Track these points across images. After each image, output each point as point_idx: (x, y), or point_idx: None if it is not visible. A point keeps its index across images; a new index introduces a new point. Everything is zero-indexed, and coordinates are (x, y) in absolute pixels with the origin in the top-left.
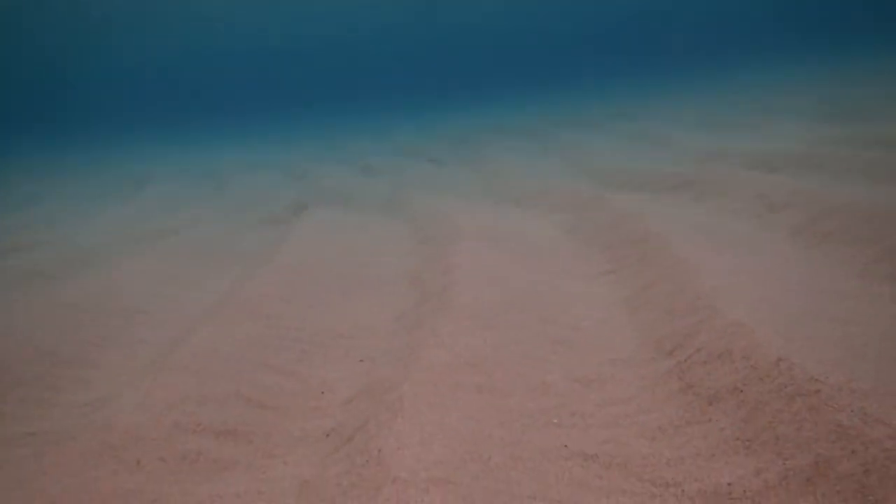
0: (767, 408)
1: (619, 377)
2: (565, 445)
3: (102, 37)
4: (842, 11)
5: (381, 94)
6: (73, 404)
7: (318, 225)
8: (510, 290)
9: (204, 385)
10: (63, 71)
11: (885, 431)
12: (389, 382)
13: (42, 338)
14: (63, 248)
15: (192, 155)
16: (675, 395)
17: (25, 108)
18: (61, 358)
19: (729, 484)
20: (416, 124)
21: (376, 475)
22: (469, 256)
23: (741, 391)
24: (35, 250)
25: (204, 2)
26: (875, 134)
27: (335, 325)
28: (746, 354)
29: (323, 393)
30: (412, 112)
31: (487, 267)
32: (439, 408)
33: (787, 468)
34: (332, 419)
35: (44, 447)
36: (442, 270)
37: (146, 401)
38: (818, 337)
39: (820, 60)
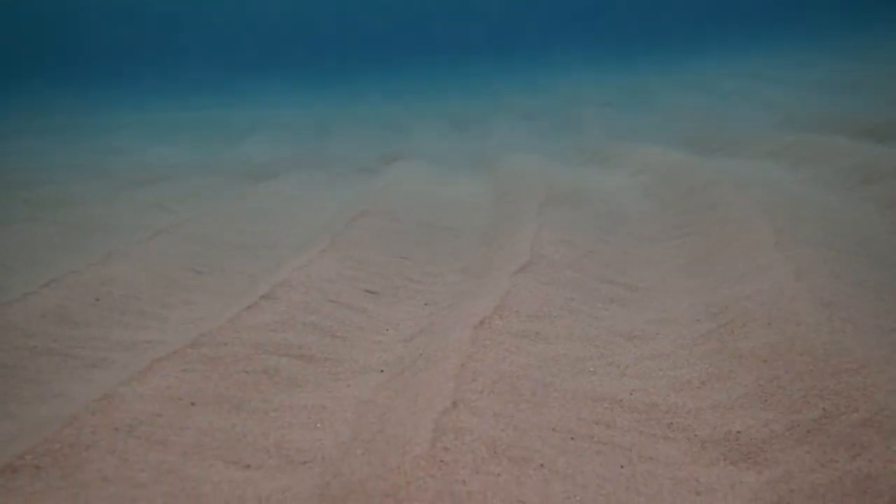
0: (792, 371)
1: (662, 335)
2: (596, 390)
3: None
4: None
5: (494, 51)
6: (181, 321)
7: (405, 177)
8: (576, 248)
9: (285, 313)
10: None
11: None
12: (446, 325)
13: (158, 263)
14: (180, 185)
15: (305, 101)
16: (708, 354)
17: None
18: (173, 282)
19: (738, 432)
20: (515, 80)
21: (419, 402)
22: (540, 216)
23: (770, 355)
24: (157, 186)
25: None
26: None
27: (407, 271)
28: (784, 324)
29: (387, 330)
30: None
31: (557, 227)
32: (486, 350)
33: (793, 421)
34: (392, 353)
35: (153, 353)
36: (512, 228)
37: (236, 322)
38: (866, 315)
39: None
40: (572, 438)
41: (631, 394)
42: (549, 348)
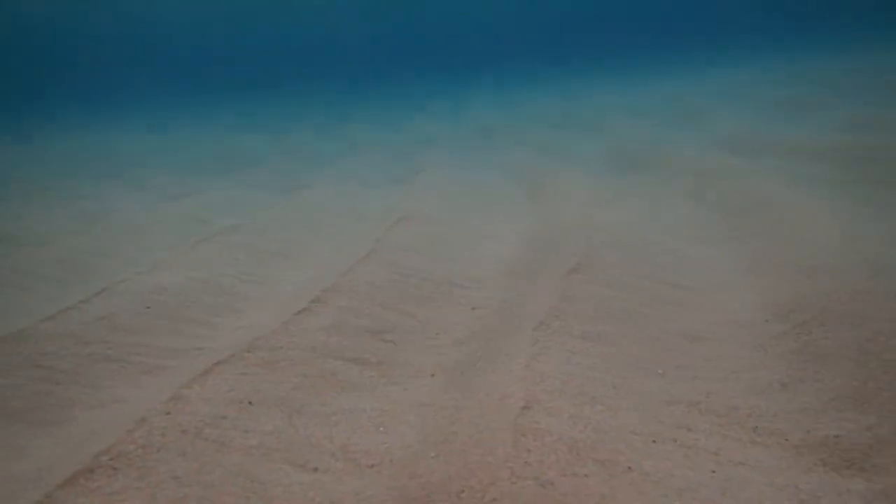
0: (892, 371)
1: (731, 336)
2: (669, 393)
3: None
4: None
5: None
6: (230, 328)
7: (438, 184)
8: (627, 250)
9: (335, 318)
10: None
11: None
12: (499, 329)
13: (203, 272)
14: (213, 198)
15: (325, 114)
16: (788, 355)
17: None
18: (219, 289)
19: (836, 437)
20: (546, 90)
21: (489, 404)
22: (584, 218)
23: (859, 354)
24: (192, 199)
25: None
26: None
27: (452, 275)
28: (867, 319)
29: (438, 334)
30: (540, 78)
31: (602, 230)
32: (548, 352)
33: None
34: (445, 357)
35: (207, 359)
36: (557, 230)
37: (289, 327)
38: None
39: None
40: (654, 441)
41: (707, 396)
42: (612, 350)
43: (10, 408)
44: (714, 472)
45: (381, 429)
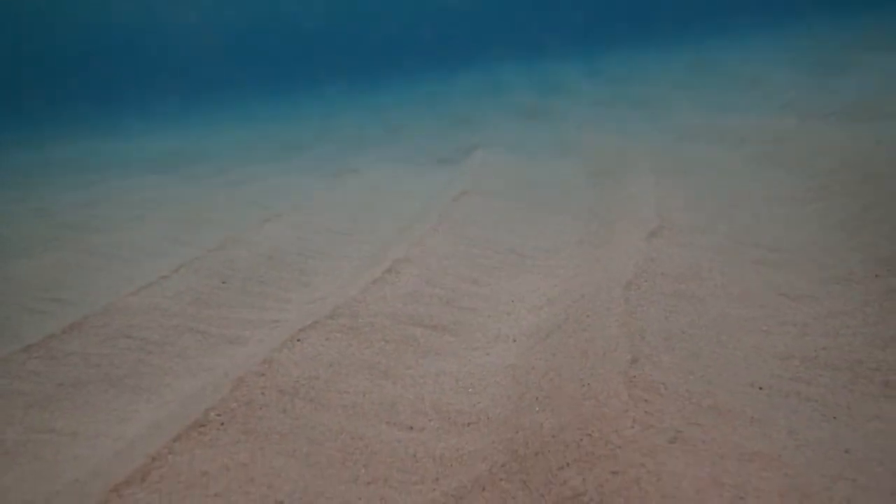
0: None
1: (837, 293)
2: (779, 348)
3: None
4: None
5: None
6: (303, 301)
7: (491, 162)
8: (705, 214)
9: (410, 287)
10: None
11: None
12: (579, 293)
13: (270, 249)
14: (268, 185)
15: (366, 103)
16: None
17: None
18: (287, 265)
19: None
20: (577, 66)
21: (591, 360)
22: (655, 185)
23: None
24: (249, 185)
25: None
26: None
27: (519, 246)
28: None
29: (512, 301)
30: (570, 53)
31: (678, 195)
32: (643, 310)
33: None
34: (524, 322)
35: (286, 329)
36: (625, 199)
37: (366, 296)
38: None
39: None
40: (776, 394)
41: (824, 350)
42: (709, 308)
43: (111, 375)
44: (850, 426)
45: (470, 390)
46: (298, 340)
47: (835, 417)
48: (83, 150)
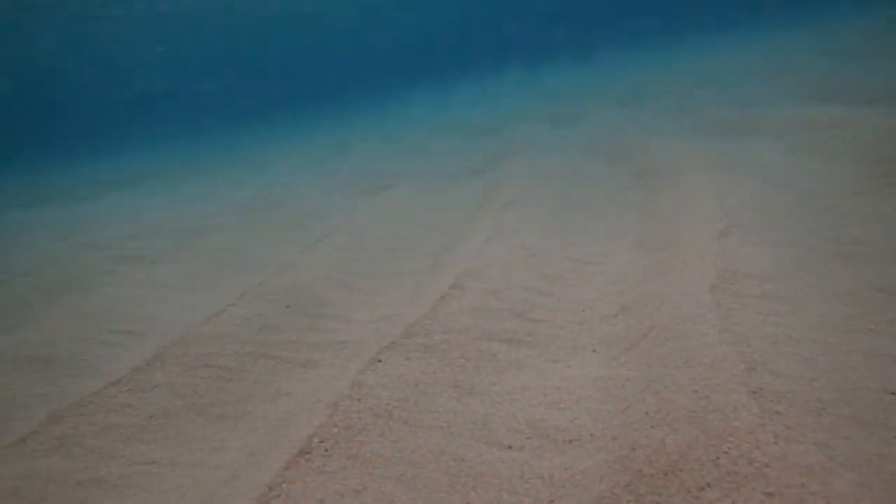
0: None
1: None
2: (894, 349)
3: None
4: None
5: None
6: (365, 321)
7: (525, 170)
8: (771, 210)
9: (478, 301)
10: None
11: None
12: (661, 297)
13: (328, 272)
14: (303, 207)
15: (388, 118)
16: None
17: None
18: (345, 286)
19: None
20: (591, 67)
21: (697, 370)
22: (706, 183)
23: None
24: (285, 207)
25: None
26: None
27: (576, 252)
28: None
29: (583, 310)
30: (581, 55)
31: (728, 192)
32: (737, 314)
33: None
34: (599, 331)
35: (350, 351)
36: (679, 198)
37: (436, 313)
38: None
39: None
40: None
41: None
42: (805, 309)
43: (196, 405)
44: None
45: (562, 405)
46: (379, 361)
47: None
48: (126, 174)
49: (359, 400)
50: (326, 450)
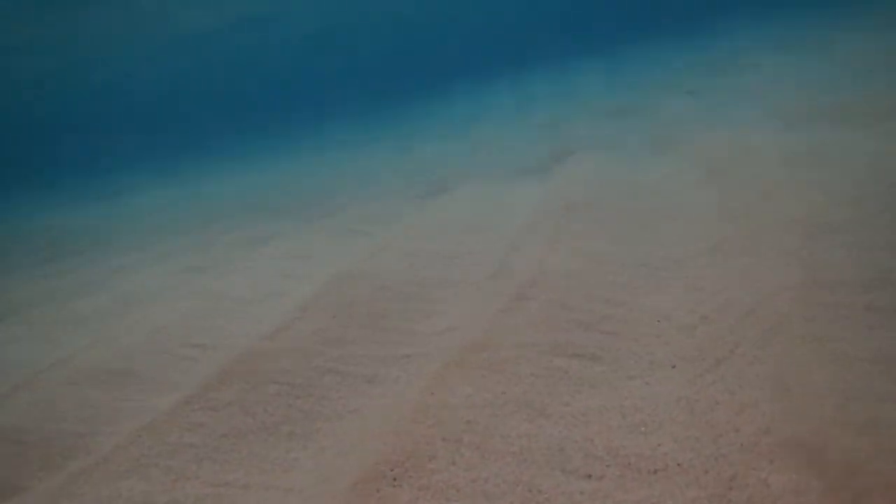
0: None
1: None
2: None
3: None
4: None
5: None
6: (428, 333)
7: (587, 167)
8: (861, 207)
9: (544, 312)
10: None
11: None
12: (745, 307)
13: (387, 280)
14: (360, 212)
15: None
16: None
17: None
18: (405, 296)
19: None
20: (649, 56)
21: (801, 405)
22: (786, 179)
23: None
24: (345, 213)
25: None
26: None
27: (646, 258)
28: None
29: (658, 321)
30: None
31: (812, 188)
32: (836, 331)
33: None
34: (677, 345)
35: (416, 366)
36: (753, 198)
37: (501, 326)
38: None
39: None
40: None
41: None
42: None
43: (266, 424)
44: None
45: (643, 429)
46: (443, 379)
47: None
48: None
49: (427, 423)
50: (395, 479)
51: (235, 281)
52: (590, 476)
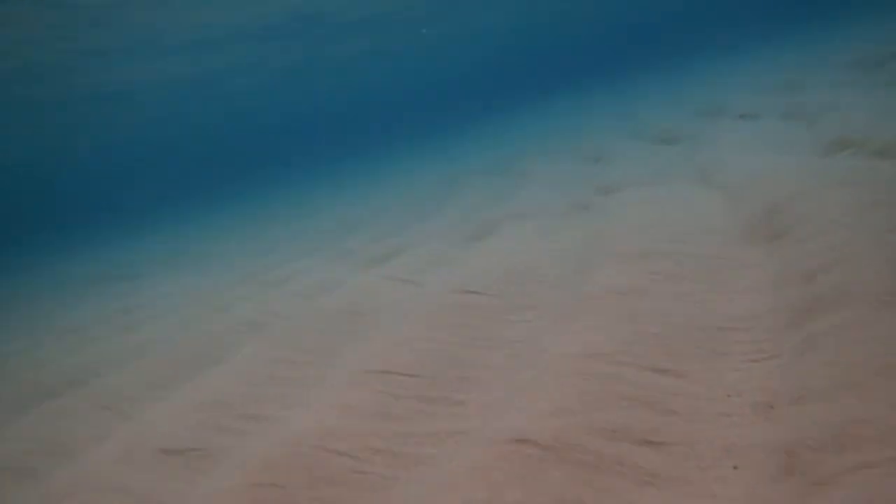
0: None
1: None
2: None
3: None
4: None
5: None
6: (480, 404)
7: (635, 203)
8: None
9: (598, 387)
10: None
11: None
12: (824, 383)
13: (437, 343)
14: (409, 258)
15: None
16: None
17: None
18: (454, 360)
19: None
20: (692, 78)
21: None
22: (857, 222)
23: None
24: (393, 260)
25: None
26: None
27: (706, 319)
28: None
29: (729, 396)
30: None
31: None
32: None
33: None
34: (755, 427)
35: (470, 442)
36: (827, 244)
37: (551, 407)
38: None
39: None
40: None
41: None
42: None
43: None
44: None
45: None
46: (502, 465)
47: None
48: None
49: None
50: None
51: (297, 339)
52: None
